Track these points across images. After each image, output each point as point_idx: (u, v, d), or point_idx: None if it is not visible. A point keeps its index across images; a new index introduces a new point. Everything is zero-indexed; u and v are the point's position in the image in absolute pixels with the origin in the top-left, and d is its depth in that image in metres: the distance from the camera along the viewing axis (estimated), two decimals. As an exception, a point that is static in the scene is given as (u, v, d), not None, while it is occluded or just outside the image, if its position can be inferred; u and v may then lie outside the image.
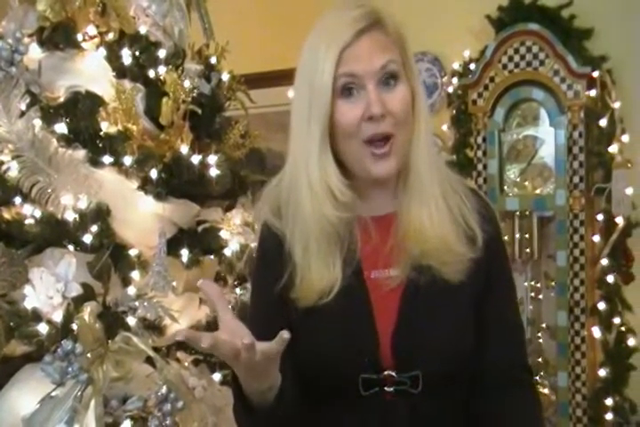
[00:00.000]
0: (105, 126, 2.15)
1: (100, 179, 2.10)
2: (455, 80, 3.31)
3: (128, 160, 2.11)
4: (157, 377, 1.94)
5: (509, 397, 1.27)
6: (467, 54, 3.30)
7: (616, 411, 2.89)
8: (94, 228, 2.04)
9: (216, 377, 2.20)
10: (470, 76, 3.20)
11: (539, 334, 3.19)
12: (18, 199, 2.10)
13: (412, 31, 1.28)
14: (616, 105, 2.98)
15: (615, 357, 2.93)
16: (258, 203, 1.33)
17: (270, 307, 1.27)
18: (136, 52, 2.28)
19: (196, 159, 2.20)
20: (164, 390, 1.89)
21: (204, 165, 2.21)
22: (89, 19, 2.25)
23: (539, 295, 3.21)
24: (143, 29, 2.32)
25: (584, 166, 2.98)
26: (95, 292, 2.01)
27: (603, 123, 2.98)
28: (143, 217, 2.14)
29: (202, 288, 1.08)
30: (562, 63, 3.00)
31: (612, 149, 2.97)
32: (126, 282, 2.07)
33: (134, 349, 1.89)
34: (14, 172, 2.06)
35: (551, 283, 3.14)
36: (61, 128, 2.10)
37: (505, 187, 3.18)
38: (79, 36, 2.22)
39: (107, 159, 2.11)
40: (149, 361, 1.99)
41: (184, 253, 2.18)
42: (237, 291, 2.30)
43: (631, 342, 2.92)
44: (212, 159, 2.23)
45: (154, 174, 2.13)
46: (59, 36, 2.20)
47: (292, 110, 1.26)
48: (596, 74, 2.97)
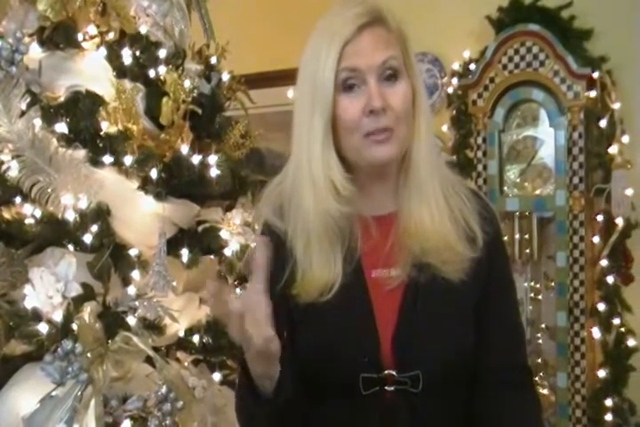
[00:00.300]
0: (105, 126, 2.15)
1: (101, 179, 2.10)
2: (455, 81, 3.31)
3: (128, 160, 2.11)
4: (157, 377, 1.94)
5: (509, 397, 1.27)
6: (467, 55, 3.30)
7: (615, 412, 2.89)
8: (94, 227, 2.04)
9: (216, 377, 2.20)
10: (470, 77, 3.20)
11: (538, 335, 3.19)
12: (18, 199, 2.10)
13: (412, 32, 1.28)
14: (616, 106, 2.98)
15: (614, 357, 2.93)
16: (259, 203, 1.33)
17: (272, 305, 1.27)
18: (136, 52, 2.28)
19: (196, 159, 2.20)
20: (163, 389, 1.89)
21: (204, 165, 2.21)
22: (89, 18, 2.25)
23: (538, 296, 3.21)
24: (144, 29, 2.32)
25: (584, 167, 2.99)
26: (95, 292, 2.01)
27: (602, 124, 2.98)
28: (143, 217, 2.14)
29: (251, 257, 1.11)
30: (562, 64, 3.00)
31: (612, 150, 2.97)
32: (126, 282, 2.07)
33: (134, 348, 1.89)
34: (14, 171, 2.06)
35: (551, 283, 3.14)
36: (62, 128, 2.10)
37: (505, 187, 3.18)
38: (79, 36, 2.22)
39: (107, 159, 2.11)
40: (149, 361, 1.99)
41: (184, 253, 2.18)
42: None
43: (630, 342, 2.92)
44: (212, 159, 2.23)
45: (154, 174, 2.13)
46: (59, 36, 2.20)
47: (294, 106, 1.26)
48: (595, 75, 2.97)
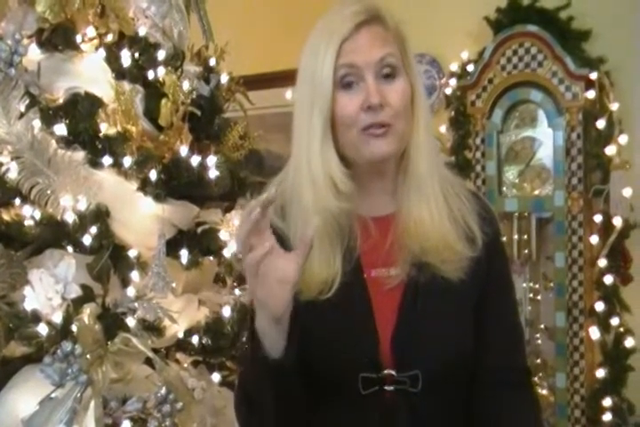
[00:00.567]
0: (104, 128, 2.16)
1: (100, 180, 2.10)
2: (453, 81, 3.31)
3: (127, 161, 2.12)
4: (157, 378, 1.94)
5: (507, 397, 1.28)
6: (465, 56, 3.30)
7: (614, 412, 2.89)
8: (94, 229, 2.04)
9: (215, 378, 2.20)
10: (469, 78, 3.20)
11: (537, 335, 3.18)
12: (17, 200, 2.11)
13: (410, 33, 1.28)
14: (614, 107, 2.98)
15: (613, 358, 2.93)
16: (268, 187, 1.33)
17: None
18: (135, 54, 2.28)
19: (195, 160, 2.21)
20: (163, 391, 1.89)
21: (203, 167, 2.22)
22: (88, 20, 2.26)
23: (537, 296, 3.20)
24: (142, 31, 2.32)
25: (582, 168, 2.99)
26: (94, 293, 2.01)
27: (601, 124, 2.98)
28: (142, 218, 2.14)
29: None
30: (560, 65, 3.00)
31: (610, 151, 2.96)
32: (125, 283, 2.07)
33: (134, 350, 1.89)
34: (14, 173, 2.07)
35: (549, 284, 3.14)
36: (61, 129, 2.10)
37: (503, 188, 3.18)
38: (78, 38, 2.23)
39: (106, 160, 2.12)
40: (149, 362, 2.00)
41: (183, 255, 2.18)
42: (236, 292, 2.30)
43: (629, 342, 2.92)
44: (211, 160, 2.23)
45: (153, 176, 2.13)
46: (58, 38, 2.21)
47: (294, 105, 1.27)
48: (594, 75, 2.97)
